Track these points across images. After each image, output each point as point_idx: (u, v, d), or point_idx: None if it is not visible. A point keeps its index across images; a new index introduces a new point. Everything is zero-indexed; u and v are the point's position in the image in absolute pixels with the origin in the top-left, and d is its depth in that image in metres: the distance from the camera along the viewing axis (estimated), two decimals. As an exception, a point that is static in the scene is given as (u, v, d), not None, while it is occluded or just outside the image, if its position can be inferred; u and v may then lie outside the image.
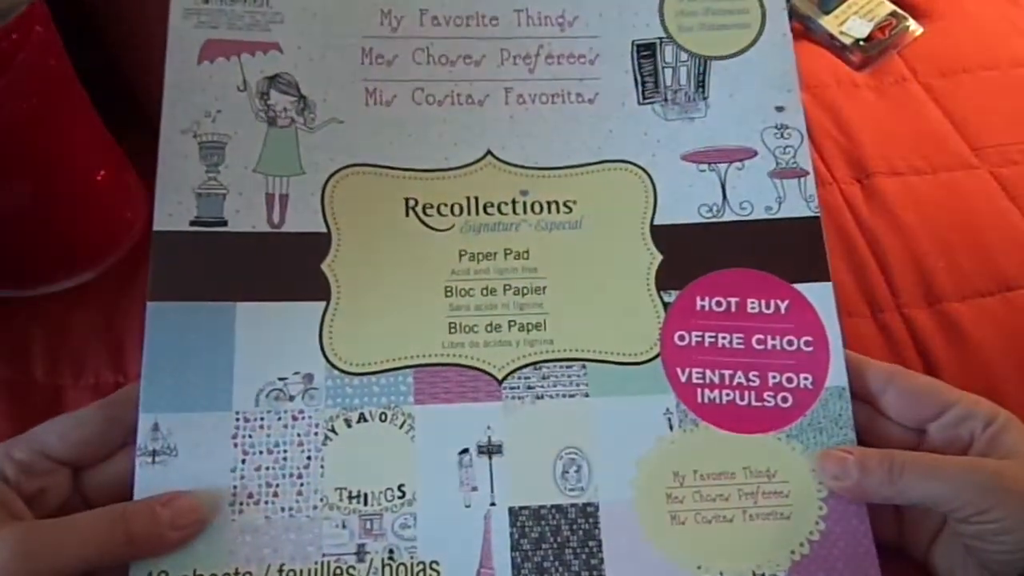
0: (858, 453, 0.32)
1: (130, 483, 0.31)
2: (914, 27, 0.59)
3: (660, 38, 0.38)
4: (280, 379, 0.33)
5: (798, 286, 0.35)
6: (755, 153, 0.37)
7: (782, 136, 0.37)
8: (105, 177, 0.41)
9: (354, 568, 0.31)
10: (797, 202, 0.37)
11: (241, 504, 0.31)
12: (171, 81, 0.35)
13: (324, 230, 0.35)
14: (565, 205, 0.36)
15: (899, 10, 0.59)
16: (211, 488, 0.31)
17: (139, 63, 0.45)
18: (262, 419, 0.32)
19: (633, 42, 0.38)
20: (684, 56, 0.38)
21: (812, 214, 0.36)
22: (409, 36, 0.37)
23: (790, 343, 0.35)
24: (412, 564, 0.31)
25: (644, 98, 0.38)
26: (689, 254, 0.36)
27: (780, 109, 0.38)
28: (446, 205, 0.36)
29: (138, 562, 0.30)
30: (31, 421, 0.32)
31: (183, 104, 0.35)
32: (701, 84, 0.38)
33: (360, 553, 0.31)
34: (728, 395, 0.34)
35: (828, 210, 0.49)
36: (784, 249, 0.36)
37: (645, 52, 0.38)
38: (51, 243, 0.41)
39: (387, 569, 0.31)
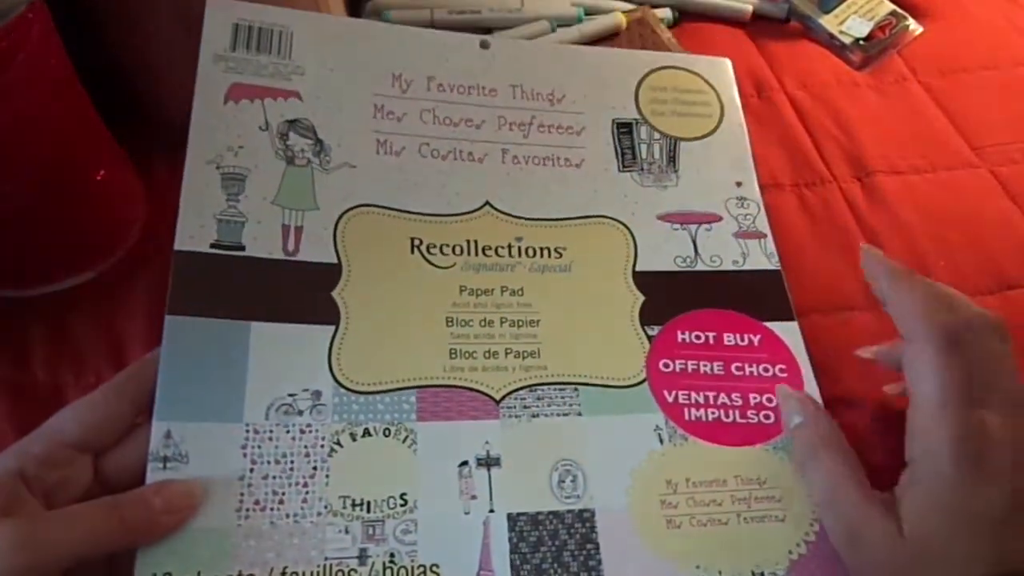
0: (813, 409, 0.34)
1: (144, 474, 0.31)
2: (914, 26, 0.59)
3: (636, 119, 0.44)
4: (290, 395, 0.34)
5: (768, 324, 0.39)
6: (720, 218, 0.42)
7: (742, 206, 0.42)
8: (105, 177, 0.41)
9: (355, 571, 0.31)
10: (760, 258, 0.41)
11: (248, 510, 0.31)
12: (198, 117, 0.38)
13: (335, 261, 0.37)
14: (556, 251, 0.39)
15: (899, 9, 0.59)
16: (216, 492, 0.31)
17: (139, 63, 0.45)
18: (271, 431, 0.33)
19: (613, 120, 0.44)
20: (657, 135, 0.44)
21: (774, 268, 0.41)
22: (417, 98, 0.41)
23: (766, 370, 0.38)
24: (413, 567, 0.31)
25: (623, 167, 0.42)
26: (668, 296, 0.39)
27: (739, 184, 0.43)
28: (448, 246, 0.38)
29: (142, 562, 0.30)
30: (32, 421, 0.32)
31: (208, 138, 0.38)
32: (672, 159, 0.43)
33: (362, 557, 0.31)
34: (713, 413, 0.36)
35: (828, 209, 0.49)
36: (752, 295, 0.40)
37: (624, 129, 0.43)
38: (51, 243, 0.41)
39: (388, 572, 0.31)
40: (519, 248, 0.39)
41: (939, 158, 0.51)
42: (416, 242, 0.38)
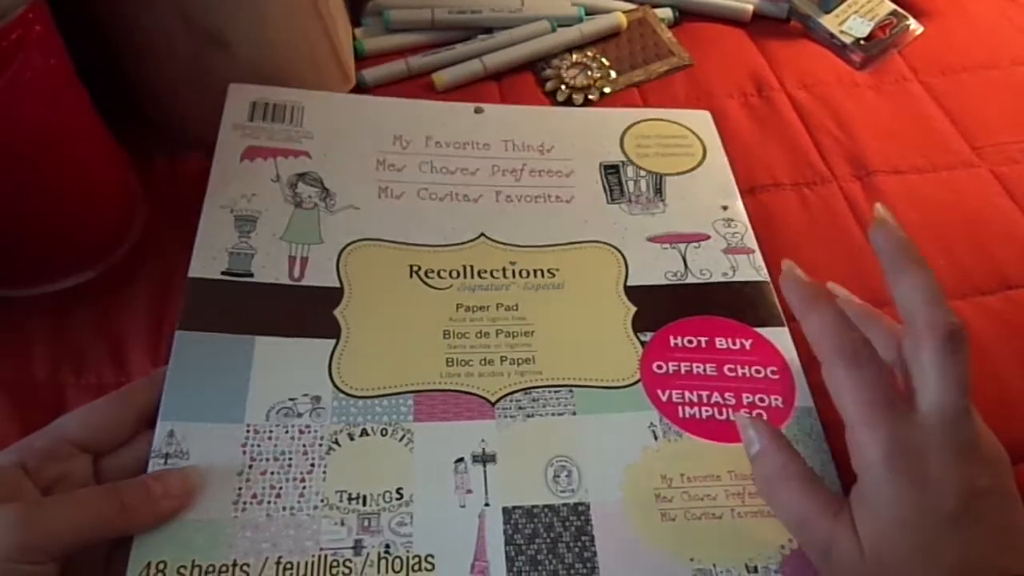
0: (768, 436, 0.33)
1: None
2: (914, 26, 0.59)
3: (622, 161, 0.47)
4: (290, 399, 0.35)
5: (758, 329, 0.40)
6: (708, 236, 0.43)
7: (729, 226, 0.44)
8: (105, 177, 0.41)
9: (350, 561, 0.31)
10: (748, 270, 0.42)
11: (245, 503, 0.32)
12: (216, 173, 0.41)
13: (338, 285, 0.39)
14: (549, 272, 0.41)
15: (899, 9, 0.59)
16: (215, 485, 0.32)
17: (140, 62, 0.45)
18: (271, 431, 0.34)
19: (600, 163, 0.46)
20: (643, 173, 0.46)
21: (763, 279, 0.42)
22: (416, 153, 0.45)
23: (758, 371, 0.38)
24: (407, 557, 0.32)
25: (612, 200, 0.45)
26: (660, 306, 0.40)
27: (725, 208, 0.45)
28: (445, 270, 0.40)
29: (138, 550, 0.30)
30: (33, 421, 0.32)
31: (224, 189, 0.41)
32: (659, 191, 0.45)
33: (357, 547, 0.32)
34: (707, 411, 0.37)
35: (828, 208, 0.49)
36: (742, 303, 0.41)
37: (611, 170, 0.46)
38: (51, 243, 0.41)
39: (383, 562, 0.32)
40: (513, 270, 0.41)
41: (939, 158, 0.51)
42: (415, 268, 0.40)
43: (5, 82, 0.33)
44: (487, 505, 0.33)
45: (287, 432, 0.34)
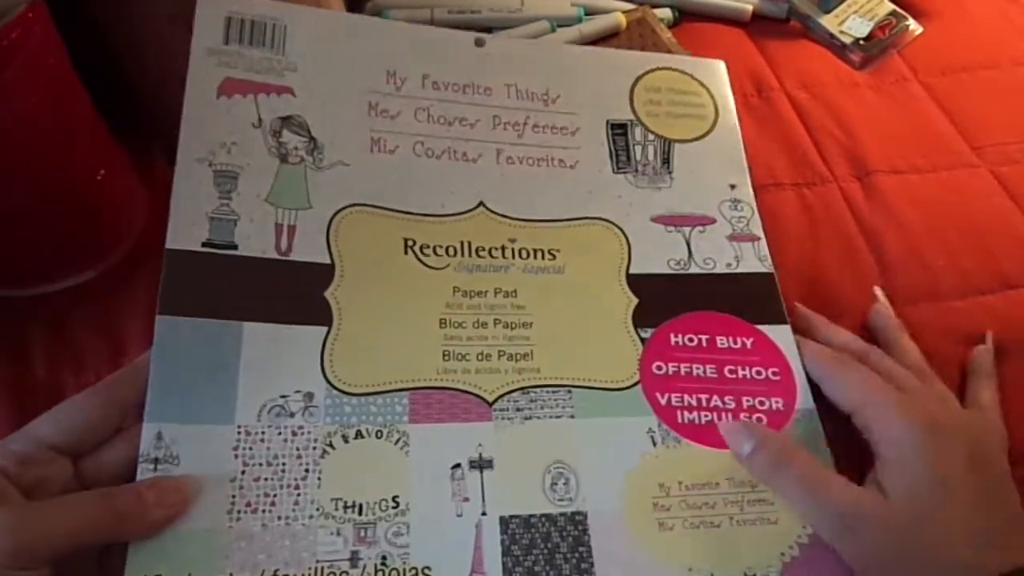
0: (761, 431, 0.35)
1: (129, 474, 0.31)
2: (914, 26, 0.59)
3: (630, 120, 0.44)
4: (282, 396, 0.34)
5: (760, 327, 0.39)
6: (714, 220, 0.42)
7: (736, 208, 0.43)
8: (105, 177, 0.41)
9: (347, 573, 0.31)
10: (752, 260, 0.41)
11: (239, 512, 0.31)
12: (189, 112, 0.37)
13: (328, 261, 0.37)
14: (550, 253, 0.39)
15: (899, 9, 0.59)
16: (208, 493, 0.31)
17: (140, 62, 0.45)
18: (263, 433, 0.33)
19: (608, 121, 0.44)
20: (651, 136, 0.44)
21: (767, 270, 0.41)
22: (412, 96, 0.41)
23: (759, 373, 0.38)
24: (404, 569, 0.31)
25: (617, 168, 0.43)
26: (661, 299, 0.39)
27: (733, 187, 0.43)
28: (441, 247, 0.38)
29: (132, 564, 0.30)
30: (32, 420, 0.32)
31: (200, 134, 0.37)
32: (666, 160, 0.43)
33: (353, 559, 0.31)
34: (707, 416, 0.36)
35: (828, 208, 0.49)
36: (745, 298, 0.40)
37: (618, 130, 0.44)
38: (51, 243, 0.41)
39: (380, 574, 0.31)
40: (513, 250, 0.39)
41: (939, 158, 0.51)
42: (410, 242, 0.38)
43: (5, 82, 0.33)
44: (484, 514, 0.33)
45: (280, 434, 0.33)
